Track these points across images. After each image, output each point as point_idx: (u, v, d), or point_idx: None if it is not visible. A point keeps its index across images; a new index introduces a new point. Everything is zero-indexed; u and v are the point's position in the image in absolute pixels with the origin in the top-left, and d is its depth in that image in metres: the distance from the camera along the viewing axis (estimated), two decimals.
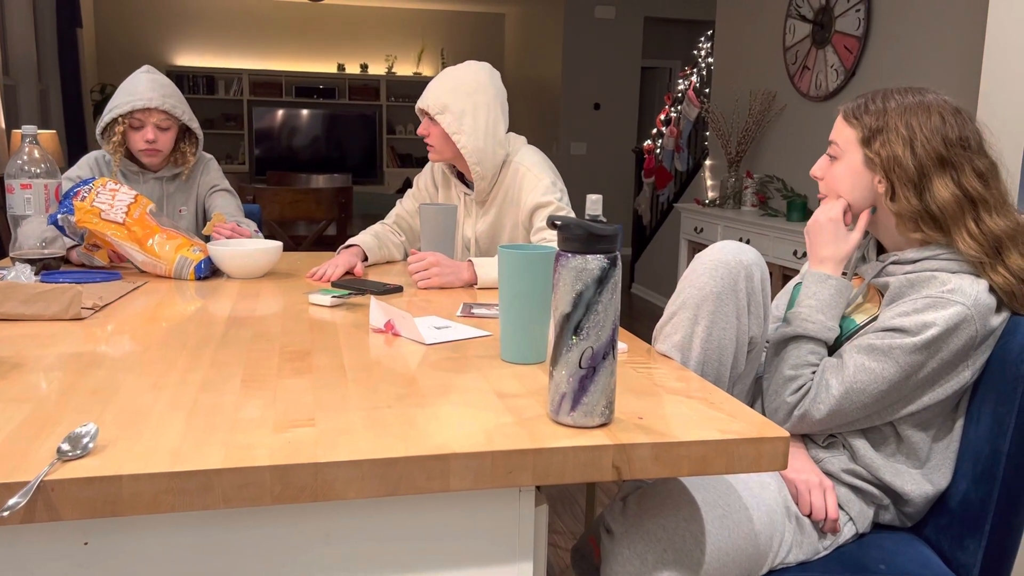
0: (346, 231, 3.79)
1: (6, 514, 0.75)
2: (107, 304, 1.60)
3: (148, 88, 2.13)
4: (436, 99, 1.96)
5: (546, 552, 1.04)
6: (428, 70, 9.65)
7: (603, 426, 0.97)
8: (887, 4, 3.71)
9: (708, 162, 5.39)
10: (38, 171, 1.87)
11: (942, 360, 1.23)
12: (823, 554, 1.31)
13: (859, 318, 1.36)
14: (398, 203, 2.26)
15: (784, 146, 4.52)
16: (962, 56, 3.27)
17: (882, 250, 1.42)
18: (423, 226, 1.90)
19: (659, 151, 5.94)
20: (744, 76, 4.92)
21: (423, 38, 9.61)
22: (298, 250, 3.56)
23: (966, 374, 1.26)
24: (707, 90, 5.66)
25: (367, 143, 9.57)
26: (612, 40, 7.99)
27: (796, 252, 3.77)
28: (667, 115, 6.03)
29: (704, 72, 5.87)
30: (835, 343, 1.37)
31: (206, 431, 0.92)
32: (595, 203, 0.98)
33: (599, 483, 2.66)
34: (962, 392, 1.31)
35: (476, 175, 2.00)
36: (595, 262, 0.93)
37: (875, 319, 1.32)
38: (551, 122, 8.33)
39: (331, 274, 1.91)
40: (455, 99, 1.95)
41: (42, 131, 4.78)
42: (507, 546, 0.96)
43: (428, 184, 2.22)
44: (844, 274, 1.45)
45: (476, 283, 1.85)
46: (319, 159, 9.46)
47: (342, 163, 9.51)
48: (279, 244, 1.94)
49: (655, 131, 6.10)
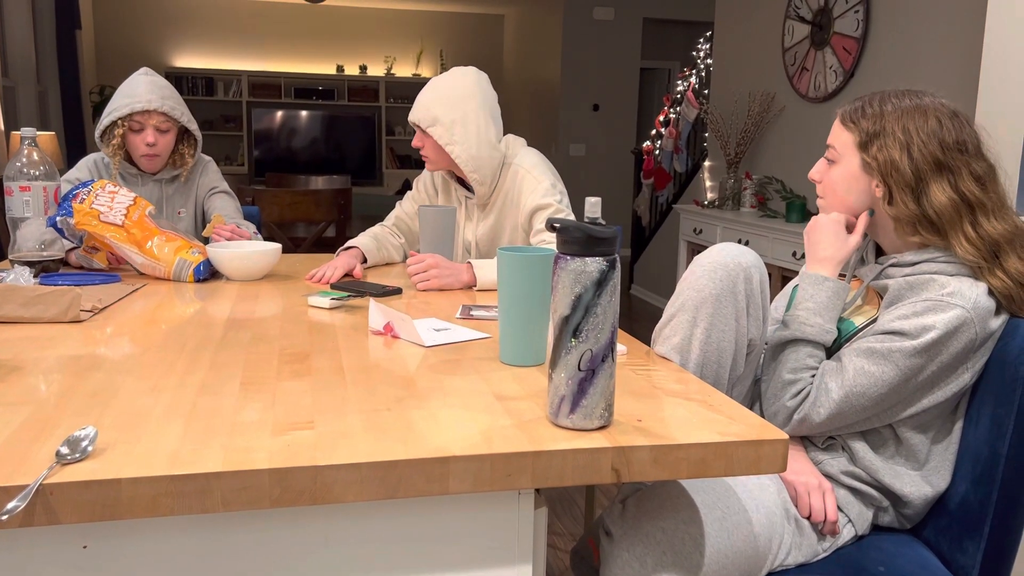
0: (345, 232, 3.79)
1: (5, 518, 0.75)
2: (106, 306, 1.59)
3: (147, 90, 2.13)
4: (426, 112, 1.96)
5: (545, 554, 1.04)
6: (427, 71, 9.65)
7: (602, 428, 0.97)
8: (886, 5, 3.72)
9: (707, 163, 5.40)
10: (37, 173, 1.87)
11: (942, 363, 1.23)
12: (822, 556, 1.31)
13: (858, 320, 1.36)
14: (397, 205, 2.26)
15: (783, 147, 4.53)
16: (961, 57, 3.28)
17: (881, 252, 1.42)
18: (422, 228, 1.90)
19: (658, 152, 5.94)
20: (743, 77, 4.93)
21: (422, 39, 9.61)
22: (297, 252, 3.56)
23: (965, 376, 1.26)
24: (706, 91, 5.67)
25: (366, 144, 9.57)
26: (611, 41, 7.99)
27: (795, 253, 3.78)
28: (666, 116, 6.03)
29: (703, 73, 5.87)
30: (834, 345, 1.37)
31: (205, 434, 0.92)
32: (594, 206, 0.98)
33: (598, 485, 2.66)
34: (961, 394, 1.31)
35: (475, 182, 2.00)
36: (594, 265, 0.93)
37: (874, 322, 1.32)
38: (550, 123, 8.33)
39: (330, 276, 1.91)
40: (444, 110, 1.95)
41: (41, 133, 4.78)
42: (506, 549, 0.96)
43: (428, 187, 2.22)
44: (843, 276, 1.45)
45: (475, 285, 1.85)
46: (318, 160, 9.46)
47: (341, 164, 9.51)
48: (278, 246, 1.94)
49: (654, 132, 6.10)
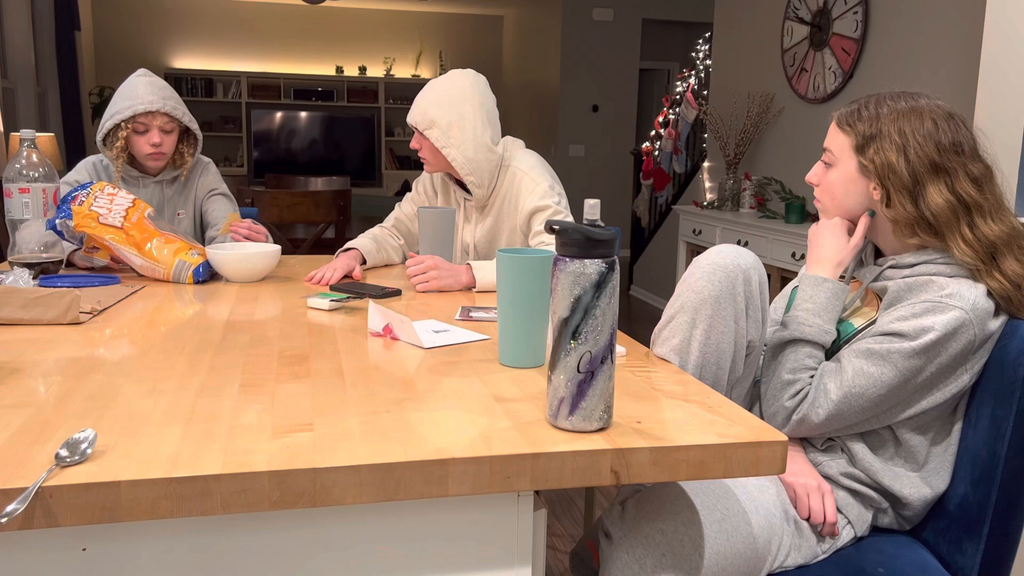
0: (344, 234, 3.79)
1: (4, 520, 0.75)
2: (105, 308, 1.59)
3: (148, 91, 2.13)
4: (423, 114, 1.96)
5: (545, 556, 1.04)
6: (426, 72, 9.66)
7: (601, 430, 0.97)
8: (885, 6, 3.72)
9: (706, 164, 5.40)
10: (36, 175, 1.87)
11: (940, 364, 1.23)
12: (821, 557, 1.31)
13: (857, 322, 1.36)
14: (397, 206, 2.26)
15: (782, 148, 4.53)
16: (960, 58, 3.28)
17: (880, 254, 1.42)
18: (422, 229, 1.90)
19: (657, 153, 5.94)
20: (742, 78, 4.93)
21: (421, 40, 9.62)
22: (296, 253, 3.56)
23: (964, 378, 1.26)
24: (705, 92, 5.67)
25: (365, 145, 9.57)
26: (610, 42, 8.00)
27: (794, 254, 3.78)
28: (665, 117, 6.03)
29: (702, 74, 5.87)
30: (833, 347, 1.37)
31: (204, 436, 0.92)
32: (593, 208, 0.98)
33: (598, 487, 2.66)
34: (960, 396, 1.31)
35: (472, 184, 2.00)
36: (593, 267, 0.93)
37: (873, 323, 1.32)
38: (549, 124, 8.33)
39: (329, 278, 1.91)
40: (441, 112, 1.95)
41: (40, 134, 4.78)
42: (506, 550, 0.96)
43: (427, 188, 2.22)
44: (843, 278, 1.45)
45: (474, 286, 1.86)
46: (317, 161, 9.46)
47: (340, 165, 9.51)
48: (277, 247, 1.94)
49: (653, 133, 6.10)
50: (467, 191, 2.10)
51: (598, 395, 0.95)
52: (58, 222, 1.86)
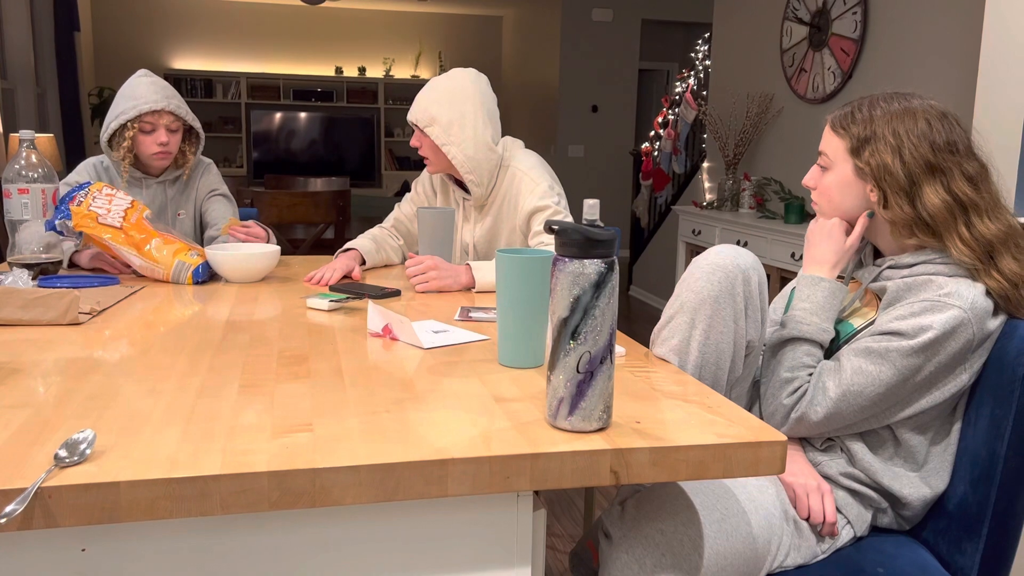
0: (344, 234, 3.79)
1: (3, 521, 0.75)
2: (104, 309, 1.59)
3: (152, 91, 2.13)
4: (424, 112, 1.96)
5: (544, 556, 1.04)
6: (426, 73, 9.66)
7: (601, 430, 0.97)
8: (884, 7, 3.72)
9: (706, 164, 5.40)
10: (35, 175, 1.87)
11: (939, 363, 1.23)
12: (821, 557, 1.31)
13: (856, 322, 1.36)
14: (396, 207, 2.26)
15: (781, 148, 4.53)
16: (959, 58, 3.28)
17: (879, 254, 1.42)
18: (421, 230, 1.90)
19: (657, 153, 5.94)
20: (741, 78, 4.93)
21: (421, 41, 9.62)
22: (296, 253, 3.56)
23: (963, 377, 1.26)
24: (704, 92, 5.67)
25: (365, 146, 9.57)
26: (609, 42, 8.00)
27: (794, 254, 3.78)
28: (665, 117, 6.03)
29: (701, 74, 5.87)
30: (833, 347, 1.37)
31: (204, 437, 0.92)
32: (592, 208, 0.98)
33: (597, 487, 2.66)
34: (960, 395, 1.31)
35: (471, 183, 2.00)
36: (592, 267, 0.93)
37: (873, 323, 1.32)
38: (549, 125, 8.33)
39: (329, 278, 1.91)
40: (442, 110, 1.95)
41: (40, 135, 4.78)
42: (505, 551, 0.96)
43: (427, 188, 2.22)
44: (842, 278, 1.45)
45: (474, 287, 1.86)
46: (317, 162, 9.46)
47: (340, 166, 9.51)
48: (277, 248, 1.94)
49: (653, 133, 6.11)
50: (466, 191, 2.10)
51: (597, 395, 0.95)
52: (57, 223, 1.86)
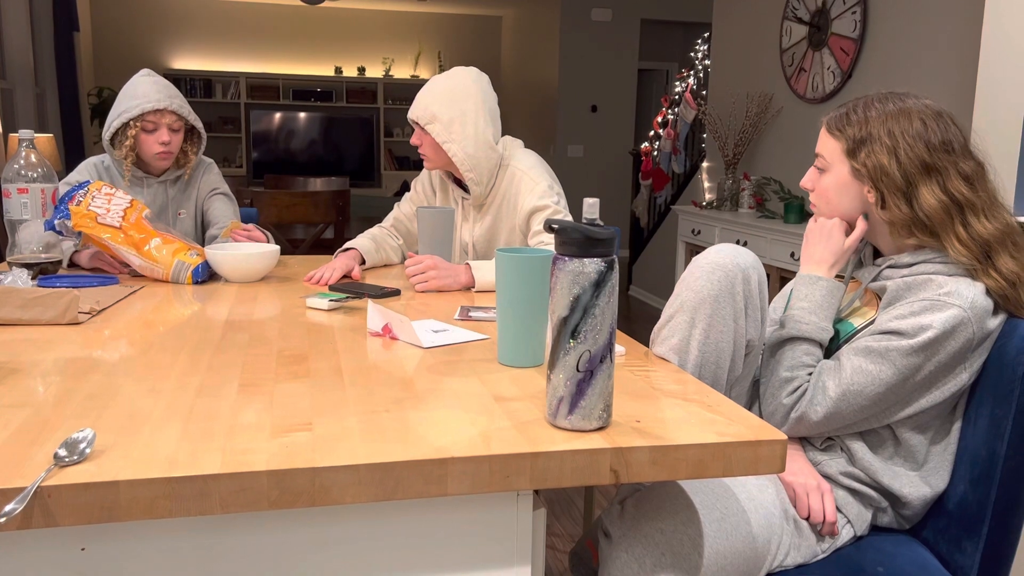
0: (343, 234, 3.79)
1: (3, 520, 0.75)
2: (104, 308, 1.59)
3: (155, 90, 2.13)
4: (425, 109, 1.96)
5: (544, 555, 1.03)
6: (425, 73, 9.66)
7: (601, 429, 0.97)
8: (883, 6, 3.72)
9: (705, 164, 5.40)
10: (35, 175, 1.87)
11: (939, 363, 1.23)
12: (821, 557, 1.31)
13: (856, 322, 1.36)
14: (396, 206, 2.26)
15: (781, 148, 4.53)
16: (958, 57, 3.28)
17: (878, 254, 1.42)
18: (420, 229, 1.90)
19: (656, 153, 5.94)
20: (741, 78, 4.93)
21: (420, 41, 9.62)
22: (295, 253, 3.56)
23: (963, 376, 1.26)
24: (704, 92, 5.67)
25: (364, 146, 9.57)
26: (609, 42, 8.00)
27: (793, 254, 3.78)
28: (664, 117, 6.03)
29: (701, 74, 5.87)
30: (833, 347, 1.37)
31: (203, 436, 0.92)
32: (592, 207, 0.98)
33: (597, 486, 2.66)
34: (959, 394, 1.31)
35: (470, 181, 2.00)
36: (592, 266, 0.93)
37: (872, 323, 1.32)
38: (548, 125, 8.33)
39: (328, 277, 1.91)
40: (443, 108, 1.95)
41: (39, 135, 4.78)
42: (505, 550, 0.96)
43: (426, 188, 2.22)
44: (841, 277, 1.45)
45: (473, 286, 1.85)
46: (316, 162, 9.46)
47: (339, 166, 9.51)
48: (276, 247, 1.94)
49: (652, 133, 6.11)
50: (466, 190, 2.10)
51: (597, 394, 0.95)
52: (57, 222, 1.86)
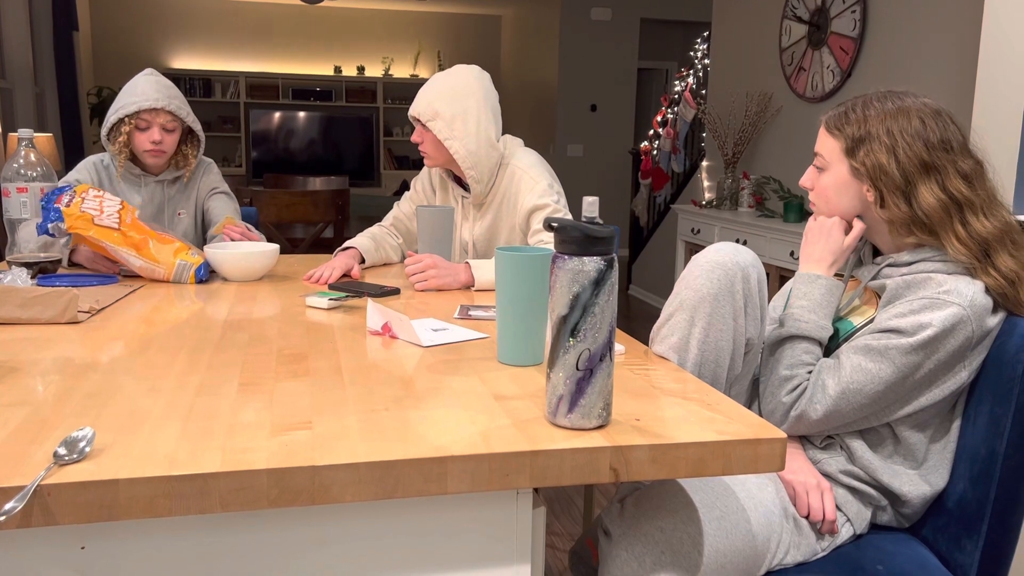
0: (343, 233, 3.79)
1: (3, 519, 0.75)
2: (104, 308, 1.59)
3: (153, 89, 2.14)
4: (427, 106, 1.96)
5: (544, 554, 1.03)
6: (425, 72, 9.65)
7: (600, 428, 0.97)
8: (883, 5, 3.72)
9: (705, 163, 5.40)
10: (34, 174, 1.87)
11: (939, 361, 1.23)
12: (821, 555, 1.31)
13: (856, 320, 1.36)
14: (395, 205, 2.26)
15: (781, 147, 4.53)
16: (958, 55, 3.28)
17: (878, 252, 1.42)
18: (420, 228, 1.90)
19: (656, 152, 5.94)
20: (740, 77, 4.93)
21: (420, 40, 9.61)
22: (295, 252, 3.55)
23: (963, 375, 1.26)
24: (703, 91, 5.67)
25: (364, 145, 9.57)
26: (608, 41, 8.00)
27: (792, 253, 3.78)
28: (664, 116, 6.03)
29: (700, 73, 5.87)
30: (833, 345, 1.37)
31: (203, 435, 0.92)
32: (591, 205, 0.98)
33: (597, 485, 2.66)
34: (959, 393, 1.31)
35: (471, 179, 2.00)
36: (592, 264, 0.93)
37: (872, 321, 1.32)
38: (547, 124, 8.33)
39: (328, 276, 1.91)
40: (445, 105, 1.95)
41: (38, 134, 4.77)
42: (505, 548, 0.96)
43: (426, 187, 2.22)
44: (840, 276, 1.45)
45: (473, 285, 1.85)
46: (316, 161, 9.46)
47: (339, 165, 9.51)
48: (276, 247, 1.94)
49: (652, 132, 6.11)
50: (466, 189, 2.10)
51: (597, 392, 0.95)
52: (50, 225, 1.85)
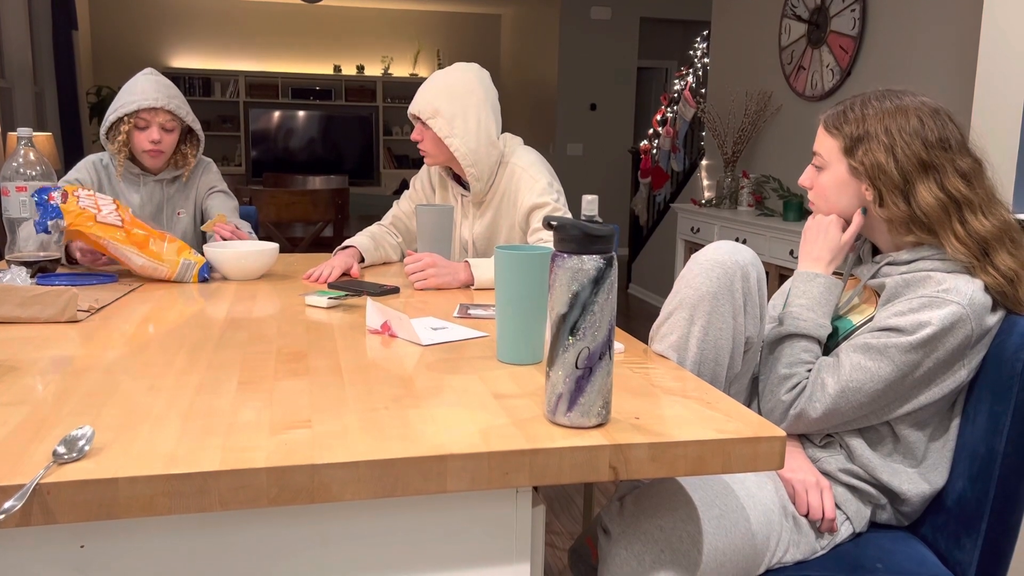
0: (343, 232, 3.79)
1: (2, 517, 0.75)
2: (103, 306, 1.59)
3: (153, 89, 2.14)
4: (427, 104, 1.96)
5: (543, 553, 1.04)
6: (424, 71, 9.65)
7: (600, 426, 0.97)
8: (882, 4, 3.72)
9: (704, 162, 5.40)
10: (34, 173, 1.86)
11: (938, 359, 1.23)
12: (820, 553, 1.31)
13: (855, 319, 1.36)
14: (395, 204, 2.26)
15: (780, 146, 4.53)
16: (957, 54, 3.28)
17: (877, 251, 1.42)
18: (420, 227, 1.90)
19: (655, 151, 5.94)
20: (740, 76, 4.93)
21: (419, 39, 9.61)
22: (295, 252, 3.55)
23: (962, 373, 1.26)
24: (703, 90, 5.67)
25: (363, 144, 9.56)
26: (608, 41, 7.99)
27: (792, 252, 3.78)
28: (663, 115, 6.03)
29: (700, 72, 5.87)
30: (832, 344, 1.37)
31: (202, 433, 0.92)
32: (591, 203, 0.98)
33: (596, 483, 2.66)
34: (958, 391, 1.31)
35: (471, 177, 2.00)
36: (591, 262, 0.93)
37: (871, 319, 1.32)
38: (547, 123, 8.33)
39: (327, 275, 1.91)
40: (445, 103, 1.95)
41: (38, 133, 4.77)
42: (504, 547, 0.96)
43: (425, 186, 2.22)
44: (839, 275, 1.45)
45: (472, 284, 1.85)
46: (315, 161, 9.46)
47: (339, 164, 9.51)
48: (275, 246, 1.94)
49: (651, 131, 6.10)
50: (466, 187, 2.10)
51: (596, 391, 0.95)
52: (50, 223, 1.84)
